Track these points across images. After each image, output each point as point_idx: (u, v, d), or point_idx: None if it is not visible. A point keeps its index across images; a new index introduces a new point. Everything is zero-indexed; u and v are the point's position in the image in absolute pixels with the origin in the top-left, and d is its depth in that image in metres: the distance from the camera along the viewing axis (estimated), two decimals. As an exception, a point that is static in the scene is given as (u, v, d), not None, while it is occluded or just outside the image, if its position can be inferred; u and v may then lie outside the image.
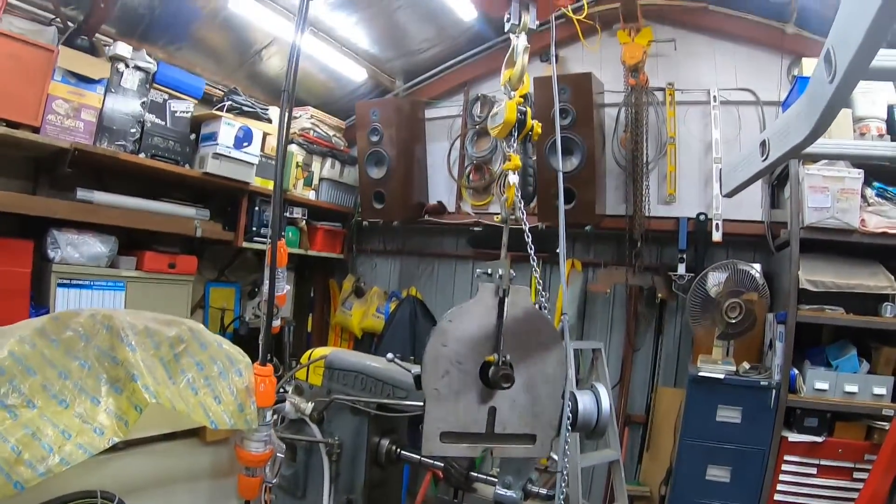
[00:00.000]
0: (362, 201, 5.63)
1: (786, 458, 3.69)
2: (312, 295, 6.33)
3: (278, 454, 1.97)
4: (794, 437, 3.68)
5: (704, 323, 4.06)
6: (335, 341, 6.06)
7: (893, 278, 3.64)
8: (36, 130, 3.59)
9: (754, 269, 3.97)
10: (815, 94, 1.15)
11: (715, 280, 4.03)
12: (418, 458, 2.33)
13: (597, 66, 4.81)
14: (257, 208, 4.88)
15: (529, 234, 1.88)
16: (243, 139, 4.55)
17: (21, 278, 3.53)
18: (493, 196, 5.50)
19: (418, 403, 1.96)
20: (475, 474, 2.19)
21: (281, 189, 1.82)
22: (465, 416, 1.64)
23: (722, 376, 3.85)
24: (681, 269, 4.55)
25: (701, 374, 3.90)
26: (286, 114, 1.82)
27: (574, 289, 4.91)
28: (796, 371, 3.71)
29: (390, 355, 2.01)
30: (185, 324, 1.80)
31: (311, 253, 5.69)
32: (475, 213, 5.56)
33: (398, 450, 2.35)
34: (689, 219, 4.61)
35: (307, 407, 2.27)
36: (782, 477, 3.70)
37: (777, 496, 3.71)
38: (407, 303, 5.59)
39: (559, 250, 4.67)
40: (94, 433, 1.44)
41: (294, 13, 4.42)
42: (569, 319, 1.91)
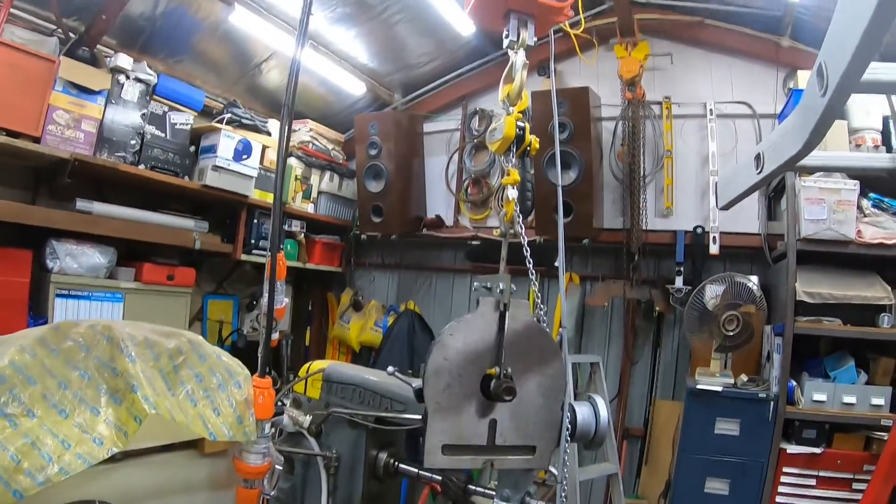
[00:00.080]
0: (360, 215, 5.64)
1: (785, 470, 3.68)
2: (310, 308, 6.31)
3: (277, 466, 1.97)
4: (793, 449, 3.67)
5: (702, 336, 4.07)
6: (333, 355, 6.05)
7: (890, 289, 3.65)
8: (36, 140, 3.61)
9: (751, 282, 3.99)
10: (808, 108, 1.17)
11: (712, 293, 4.04)
12: (416, 472, 2.32)
13: (594, 80, 4.85)
14: (256, 221, 4.89)
15: (528, 249, 1.90)
16: (242, 152, 4.57)
17: (19, 288, 3.54)
18: (491, 210, 5.52)
19: (416, 417, 1.97)
20: (473, 487, 2.19)
21: (280, 202, 1.83)
22: (467, 429, 1.65)
23: (720, 389, 3.85)
24: (678, 282, 4.56)
25: (699, 387, 3.90)
26: (286, 127, 1.84)
27: (572, 302, 4.92)
28: (794, 383, 3.71)
29: (391, 368, 2.02)
30: (185, 336, 1.81)
31: (310, 266, 5.70)
32: (473, 227, 5.57)
33: (396, 463, 2.34)
34: (687, 232, 4.63)
35: (305, 420, 2.27)
36: (781, 489, 3.69)
37: (777, 508, 3.71)
38: (405, 317, 5.58)
39: (557, 263, 4.67)
40: (94, 443, 1.44)
41: (294, 27, 4.48)
42: (567, 332, 1.92)
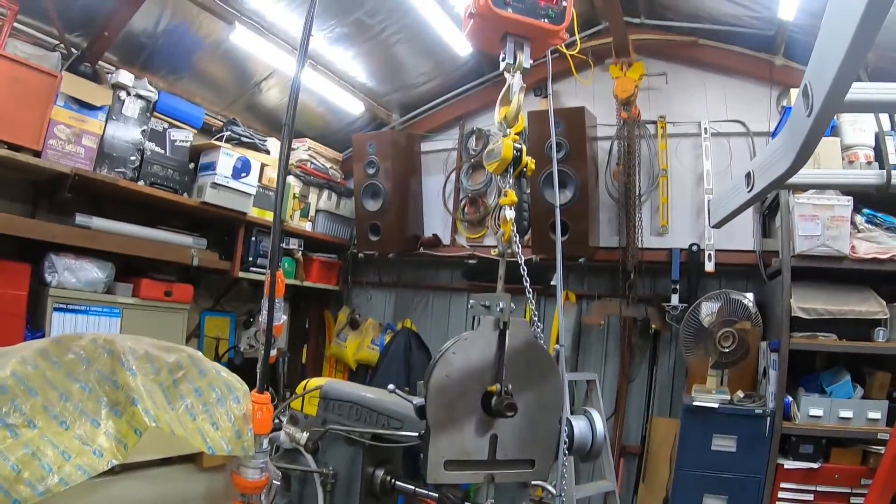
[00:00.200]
0: (358, 233, 5.67)
1: (782, 486, 3.68)
2: (307, 326, 6.32)
3: (274, 481, 1.97)
4: (790, 465, 3.68)
5: (698, 353, 4.08)
6: (330, 373, 6.04)
7: (885, 303, 3.67)
8: (37, 154, 3.64)
9: (747, 299, 4.01)
10: (796, 127, 1.20)
11: (708, 310, 4.07)
12: (413, 489, 2.32)
13: (589, 100, 4.91)
14: (254, 238, 4.91)
15: (525, 268, 1.93)
16: (241, 170, 4.60)
17: (17, 301, 3.54)
18: (488, 229, 5.55)
19: (413, 434, 1.99)
20: (470, 504, 2.20)
21: (280, 219, 1.86)
22: (468, 444, 1.68)
23: (716, 405, 3.86)
24: (674, 300, 4.58)
25: (695, 404, 3.91)
26: (286, 147, 1.86)
27: (568, 321, 4.93)
28: (790, 398, 3.72)
29: (391, 386, 2.03)
30: (185, 351, 1.82)
31: (307, 284, 5.71)
32: (470, 246, 5.60)
33: (393, 480, 2.34)
34: (682, 250, 4.65)
35: (302, 437, 2.27)
36: (779, 504, 3.70)
37: (774, 524, 3.71)
38: (402, 335, 5.58)
39: (554, 282, 4.69)
40: (94, 455, 1.45)
41: (293, 46, 4.54)
42: (564, 350, 1.95)
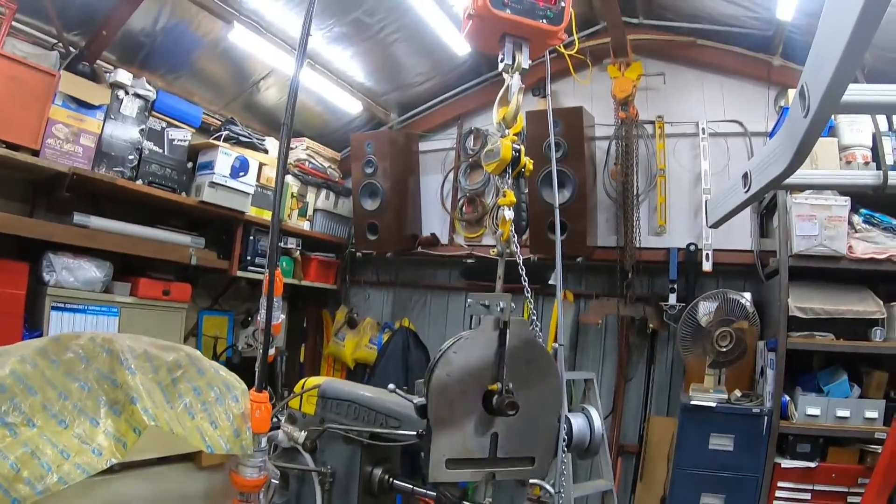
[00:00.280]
0: (356, 232, 5.67)
1: (779, 485, 3.69)
2: (305, 325, 6.32)
3: (273, 480, 1.98)
4: (788, 464, 3.68)
5: (696, 352, 4.09)
6: (327, 371, 6.04)
7: (882, 303, 3.68)
8: (35, 153, 3.63)
9: (744, 298, 4.02)
10: (792, 128, 1.20)
11: (705, 309, 4.07)
12: (411, 488, 2.33)
13: (587, 100, 4.91)
14: (252, 238, 4.92)
15: (524, 268, 1.94)
16: (239, 169, 4.60)
17: (15, 300, 3.54)
18: (486, 228, 5.56)
19: (411, 433, 1.99)
20: (468, 503, 2.21)
21: (278, 219, 1.86)
22: (470, 443, 1.70)
23: (714, 404, 3.87)
24: (672, 300, 4.58)
25: (693, 403, 3.91)
26: (285, 146, 1.87)
27: (566, 320, 4.94)
28: (788, 397, 3.73)
29: (391, 386, 2.05)
30: (184, 350, 1.83)
31: (305, 283, 5.72)
32: (468, 245, 5.60)
33: (391, 479, 2.35)
34: (680, 249, 4.66)
35: (300, 436, 2.28)
36: (776, 503, 3.70)
37: (772, 523, 3.72)
38: (400, 334, 5.59)
39: (552, 281, 4.69)
40: (93, 454, 1.45)
41: (291, 46, 4.54)
42: (563, 348, 1.97)
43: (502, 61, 1.90)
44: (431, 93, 5.75)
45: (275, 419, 2.29)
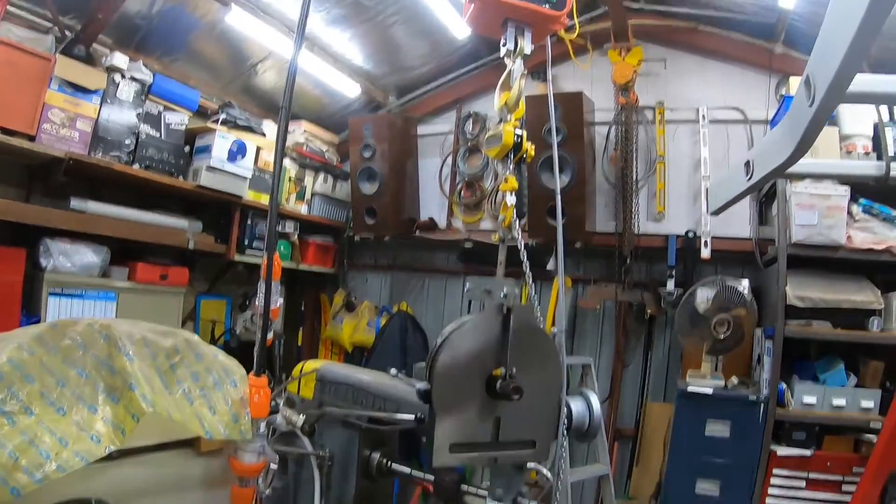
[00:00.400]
0: (354, 216, 5.65)
1: (775, 472, 3.72)
2: (303, 309, 6.32)
3: (272, 465, 1.98)
4: (783, 451, 3.70)
5: (693, 338, 4.10)
6: (325, 355, 6.05)
7: (880, 293, 3.69)
8: (31, 139, 3.59)
9: (742, 285, 4.02)
10: (797, 117, 1.19)
11: (703, 296, 4.07)
12: (409, 471, 2.35)
13: (587, 85, 4.87)
14: (250, 221, 4.90)
15: (525, 253, 1.95)
16: (237, 153, 4.57)
17: (12, 287, 3.53)
18: (485, 212, 5.54)
19: (409, 417, 2.00)
20: (465, 487, 2.22)
21: (276, 203, 1.85)
22: (473, 427, 1.70)
23: (710, 391, 3.88)
24: (670, 286, 4.58)
25: (690, 389, 3.93)
26: (283, 129, 1.85)
27: (561, 303, 4.94)
28: (784, 385, 3.75)
29: (393, 371, 2.05)
30: (182, 335, 1.83)
31: (303, 267, 5.71)
32: (466, 230, 5.58)
33: (389, 462, 2.36)
34: (678, 236, 4.65)
35: (298, 419, 2.28)
36: (771, 490, 3.72)
37: (766, 510, 3.74)
38: (398, 317, 5.60)
39: (549, 267, 4.68)
40: (91, 441, 1.45)
41: (290, 28, 4.49)
42: (562, 332, 1.98)
43: (504, 46, 1.88)
44: (430, 76, 5.70)
45: (273, 402, 2.29)
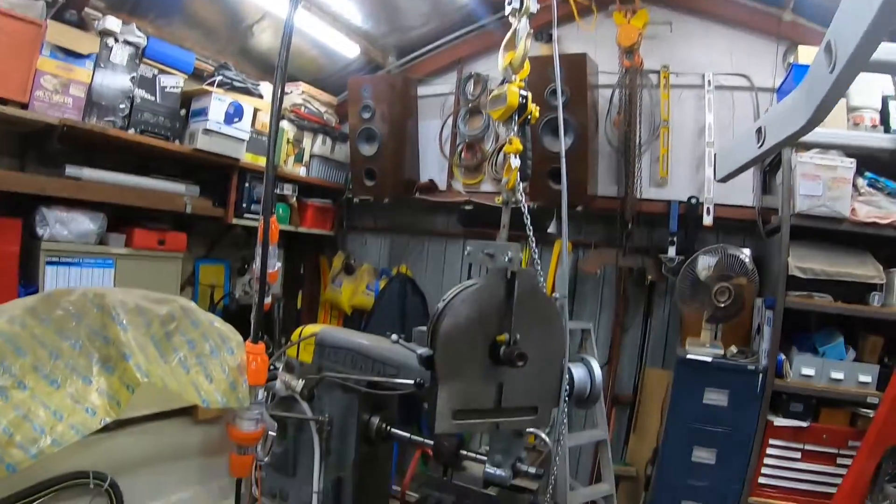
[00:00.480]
0: (353, 178, 5.60)
1: (771, 442, 3.74)
2: (302, 272, 6.30)
3: (270, 432, 1.97)
4: (780, 422, 3.72)
5: (693, 306, 4.08)
6: (325, 318, 6.06)
7: (882, 268, 3.65)
8: (24, 106, 3.52)
9: (744, 254, 3.99)
10: (814, 84, 1.14)
11: (705, 263, 4.04)
12: (408, 436, 2.35)
13: (591, 47, 4.76)
14: (248, 184, 4.83)
15: (529, 216, 1.93)
16: (234, 115, 4.49)
17: (9, 257, 3.50)
18: (485, 174, 5.48)
19: (409, 381, 1.99)
20: (465, 452, 2.22)
21: (273, 165, 1.81)
22: (476, 393, 1.70)
23: (710, 359, 3.88)
24: (671, 252, 4.55)
25: (689, 357, 3.93)
26: (279, 90, 1.80)
27: (564, 269, 4.93)
28: (783, 356, 3.74)
29: (395, 336, 2.02)
30: (177, 301, 1.79)
31: (301, 230, 5.67)
32: (466, 192, 5.53)
33: (388, 427, 2.36)
34: (681, 202, 4.60)
35: (298, 384, 2.27)
36: (767, 460, 3.75)
37: (762, 479, 3.76)
38: (397, 280, 5.59)
39: (551, 230, 4.64)
40: (86, 413, 1.43)
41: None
42: (565, 297, 1.96)
43: (510, 4, 1.82)
44: (431, 36, 5.57)
45: (272, 368, 2.28)
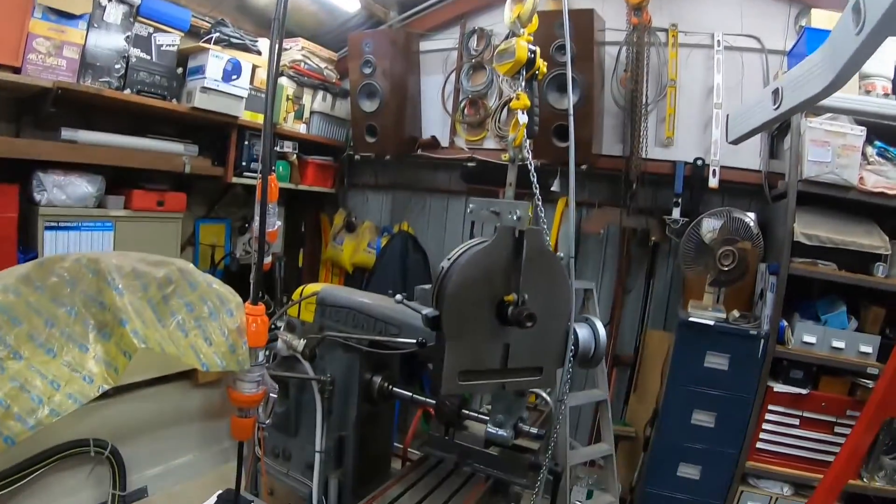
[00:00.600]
0: (354, 135, 5.51)
1: (770, 408, 3.75)
2: (303, 230, 6.26)
3: (271, 395, 1.96)
4: (780, 388, 3.72)
5: (697, 268, 4.05)
6: (326, 276, 6.05)
7: (888, 239, 3.60)
8: (17, 71, 3.44)
9: (749, 218, 3.94)
10: (838, 45, 1.09)
11: (709, 226, 4.00)
12: (410, 395, 2.36)
13: (598, 3, 4.62)
14: (247, 142, 4.76)
15: (535, 174, 1.90)
16: (232, 72, 4.40)
17: (7, 224, 3.46)
18: (488, 131, 5.40)
19: (410, 340, 1.98)
20: (467, 412, 2.23)
21: (271, 122, 1.76)
22: (483, 354, 1.69)
23: (712, 323, 3.86)
24: (675, 213, 4.51)
25: (691, 320, 3.91)
26: (277, 46, 1.74)
27: (568, 227, 4.89)
28: (785, 323, 3.72)
29: (399, 297, 2.01)
30: (175, 263, 1.76)
31: (302, 187, 5.61)
32: (469, 148, 5.45)
33: (390, 386, 2.37)
34: (686, 163, 4.53)
35: (299, 344, 2.26)
36: (765, 426, 3.77)
37: (760, 444, 3.79)
38: (398, 238, 5.55)
39: (554, 188, 4.58)
40: (84, 381, 1.41)
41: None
42: (570, 258, 1.93)
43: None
44: (433, -10, 5.43)
45: (273, 328, 2.26)
